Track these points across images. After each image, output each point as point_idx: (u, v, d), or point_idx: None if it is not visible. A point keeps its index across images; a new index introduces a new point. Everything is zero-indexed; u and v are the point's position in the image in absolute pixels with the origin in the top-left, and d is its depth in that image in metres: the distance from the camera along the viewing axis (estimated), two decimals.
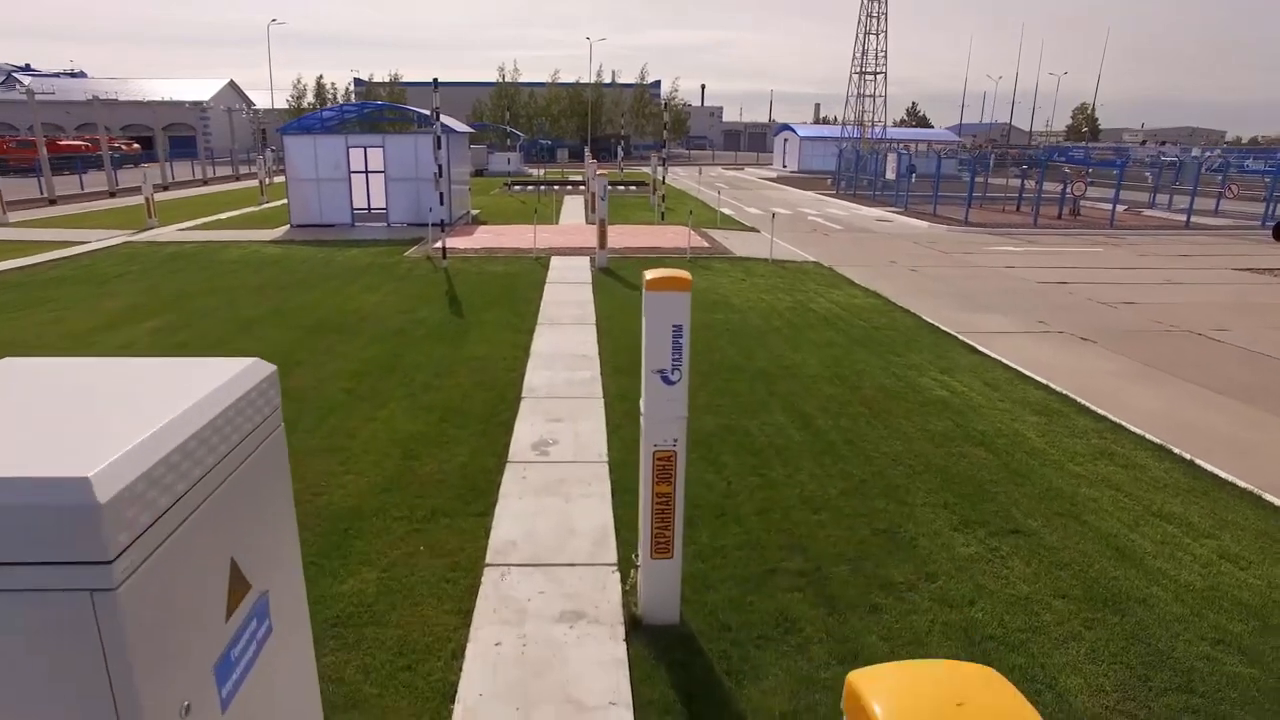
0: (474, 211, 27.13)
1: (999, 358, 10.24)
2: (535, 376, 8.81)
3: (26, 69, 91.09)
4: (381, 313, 11.97)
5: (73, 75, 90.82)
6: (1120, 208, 34.37)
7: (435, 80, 15.06)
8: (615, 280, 14.91)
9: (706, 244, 19.42)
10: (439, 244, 16.70)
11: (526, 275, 15.29)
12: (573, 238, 20.39)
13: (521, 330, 10.94)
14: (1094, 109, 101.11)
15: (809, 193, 40.67)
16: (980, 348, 10.77)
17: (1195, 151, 71.44)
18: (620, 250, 18.02)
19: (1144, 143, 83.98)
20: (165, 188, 39.18)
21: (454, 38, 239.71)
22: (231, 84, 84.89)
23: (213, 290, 13.64)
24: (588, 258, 17.22)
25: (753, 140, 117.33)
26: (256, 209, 28.89)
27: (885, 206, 32.50)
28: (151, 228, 22.70)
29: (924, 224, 26.86)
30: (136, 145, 60.51)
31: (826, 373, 9.27)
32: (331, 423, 7.37)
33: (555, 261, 16.76)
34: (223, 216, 26.20)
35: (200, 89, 79.93)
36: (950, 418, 7.86)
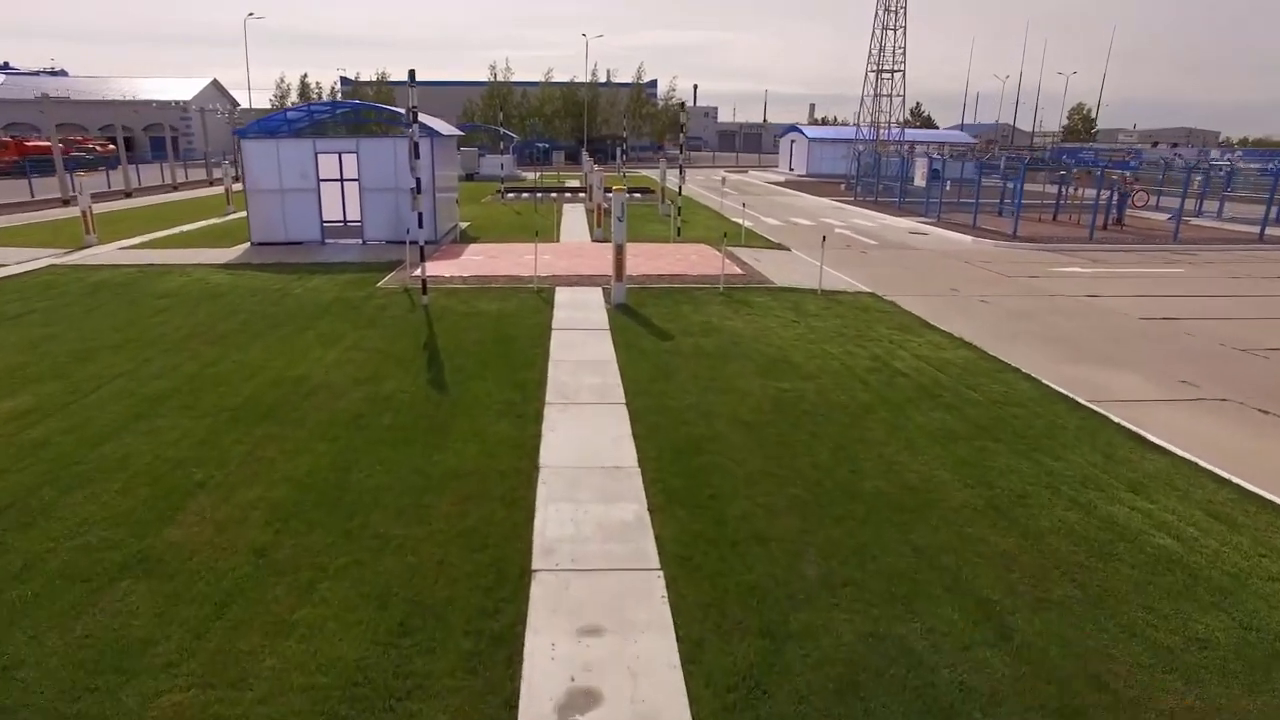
0: (463, 225, 24.11)
1: (1190, 457, 7.32)
2: (550, 518, 5.84)
3: (5, 68, 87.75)
4: (336, 382, 8.97)
5: (52, 73, 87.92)
6: (1163, 216, 31.71)
7: (411, 74, 12.03)
8: (638, 324, 11.94)
9: (739, 270, 16.46)
10: (418, 272, 13.72)
11: (527, 317, 12.31)
12: (579, 261, 17.42)
13: (525, 416, 7.96)
14: (1098, 109, 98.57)
15: (824, 199, 37.80)
16: (1148, 435, 7.87)
17: (1214, 154, 68.95)
18: (638, 278, 15.07)
19: (1155, 144, 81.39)
20: (129, 194, 36.10)
21: (450, 38, 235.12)
22: (215, 83, 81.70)
23: (125, 342, 10.61)
24: (599, 289, 14.26)
25: (748, 141, 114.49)
26: (220, 220, 25.85)
27: (914, 216, 29.66)
28: (89, 245, 19.64)
29: (966, 238, 24.02)
30: (112, 146, 57.45)
31: (975, 499, 6.34)
32: (215, 641, 4.38)
33: (560, 295, 13.78)
34: (177, 231, 23.11)
35: (183, 88, 76.83)
36: (1213, 603, 4.94)
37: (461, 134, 30.36)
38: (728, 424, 7.80)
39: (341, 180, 20.98)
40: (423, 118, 22.97)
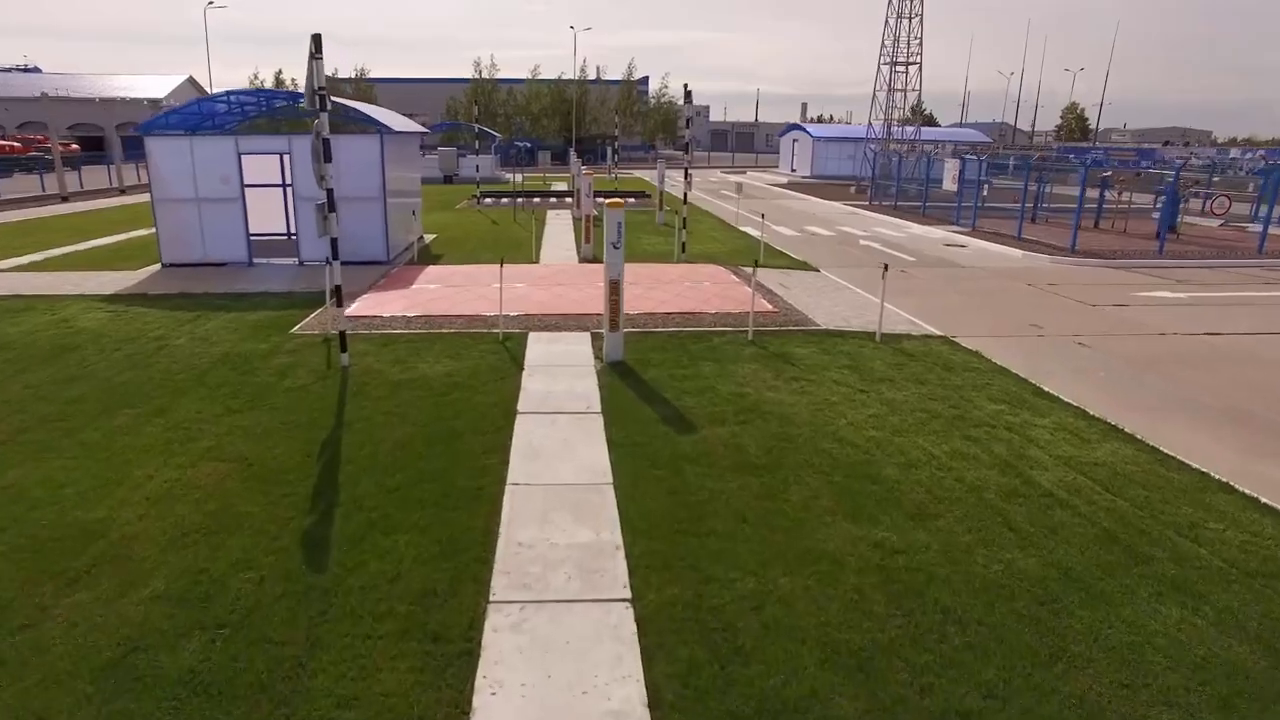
0: (428, 238, 20.47)
1: None
2: None
3: None
4: (145, 539, 5.35)
5: (25, 70, 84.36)
6: (1214, 222, 28.51)
7: (315, 41, 8.36)
8: (643, 399, 8.35)
9: (768, 304, 12.85)
10: (355, 306, 10.12)
11: (482, 388, 8.70)
12: (561, 291, 13.80)
13: (448, 638, 4.36)
14: (1100, 109, 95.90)
15: (835, 203, 34.31)
16: None
17: (1234, 153, 66.08)
18: (638, 318, 11.50)
19: (1167, 143, 78.55)
20: (64, 199, 32.35)
21: (446, 37, 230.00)
22: (190, 80, 77.66)
23: None
24: (588, 335, 10.69)
25: (740, 140, 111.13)
26: (145, 232, 22.06)
27: (944, 224, 26.23)
28: None
29: (1014, 252, 20.60)
30: (75, 146, 53.63)
31: None
32: None
33: (534, 349, 10.15)
34: (87, 246, 19.43)
35: (157, 85, 72.87)
36: None
37: (426, 131, 26.70)
38: (821, 657, 4.23)
39: (284, 186, 17.49)
40: (374, 110, 19.28)
